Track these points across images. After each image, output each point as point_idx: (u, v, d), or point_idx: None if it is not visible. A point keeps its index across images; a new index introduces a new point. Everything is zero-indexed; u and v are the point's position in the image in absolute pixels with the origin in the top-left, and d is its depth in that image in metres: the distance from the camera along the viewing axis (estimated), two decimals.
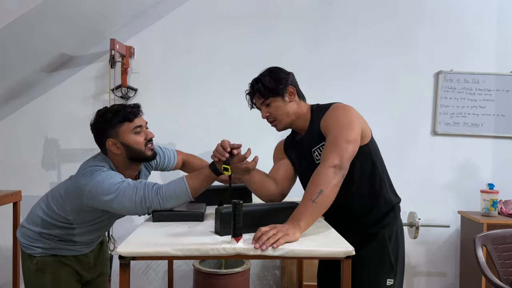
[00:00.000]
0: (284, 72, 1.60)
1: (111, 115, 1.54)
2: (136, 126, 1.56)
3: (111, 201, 1.45)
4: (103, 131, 1.55)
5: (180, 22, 2.80)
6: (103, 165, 1.54)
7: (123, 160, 1.57)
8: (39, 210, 1.62)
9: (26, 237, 1.62)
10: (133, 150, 1.55)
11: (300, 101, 1.61)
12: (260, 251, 1.16)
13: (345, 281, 1.17)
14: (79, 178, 1.52)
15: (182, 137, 2.79)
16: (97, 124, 1.57)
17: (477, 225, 2.55)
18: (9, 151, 2.76)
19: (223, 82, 2.81)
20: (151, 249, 1.15)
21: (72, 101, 2.76)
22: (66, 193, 1.57)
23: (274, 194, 1.61)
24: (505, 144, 2.88)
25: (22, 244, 1.63)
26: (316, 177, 1.35)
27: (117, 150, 1.55)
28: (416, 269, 2.90)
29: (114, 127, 1.54)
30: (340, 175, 1.35)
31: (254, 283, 2.82)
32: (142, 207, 1.47)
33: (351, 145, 1.41)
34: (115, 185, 1.46)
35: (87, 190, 1.47)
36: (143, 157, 1.59)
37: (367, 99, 2.77)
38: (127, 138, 1.54)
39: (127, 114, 1.55)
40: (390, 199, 1.59)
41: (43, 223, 1.59)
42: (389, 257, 1.54)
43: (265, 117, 1.61)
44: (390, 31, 2.84)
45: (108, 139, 1.54)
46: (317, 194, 1.30)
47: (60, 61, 2.69)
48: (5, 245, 2.69)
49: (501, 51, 2.86)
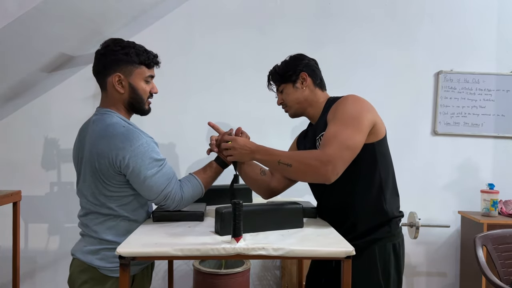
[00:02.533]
0: (301, 58, 1.58)
1: (134, 51, 1.41)
2: (150, 75, 1.46)
3: (150, 177, 1.35)
4: (116, 62, 1.40)
5: (180, 22, 2.80)
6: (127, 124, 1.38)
7: (120, 103, 1.43)
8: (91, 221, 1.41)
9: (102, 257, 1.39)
10: (137, 95, 1.43)
11: (316, 88, 1.57)
12: (258, 250, 1.16)
13: (345, 281, 1.17)
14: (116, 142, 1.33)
15: (182, 137, 2.79)
16: (112, 52, 1.40)
17: (477, 225, 2.55)
18: (9, 151, 2.76)
19: (223, 82, 2.80)
20: (151, 249, 1.15)
21: (72, 101, 2.76)
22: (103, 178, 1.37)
23: (265, 189, 1.62)
24: (505, 144, 2.88)
25: (107, 269, 1.38)
26: (304, 153, 1.37)
27: (121, 88, 1.41)
28: (416, 269, 2.90)
29: (131, 65, 1.41)
30: (320, 174, 1.29)
31: (254, 283, 2.82)
32: (160, 200, 1.41)
33: (350, 151, 1.33)
34: (156, 161, 1.37)
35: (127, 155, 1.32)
36: (141, 108, 1.47)
37: (367, 99, 2.73)
38: (137, 82, 1.42)
39: (150, 60, 1.44)
40: (386, 210, 1.45)
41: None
42: (377, 276, 1.41)
43: (279, 104, 1.63)
44: (390, 31, 2.84)
45: (116, 73, 1.39)
46: (286, 164, 1.34)
47: (60, 61, 2.69)
48: (5, 245, 2.69)
49: (501, 51, 2.86)
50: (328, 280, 1.51)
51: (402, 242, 1.51)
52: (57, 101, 2.76)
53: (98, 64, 1.43)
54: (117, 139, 1.33)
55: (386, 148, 1.51)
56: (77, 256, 1.41)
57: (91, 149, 1.37)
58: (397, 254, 1.47)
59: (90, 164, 1.38)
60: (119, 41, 1.43)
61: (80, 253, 1.41)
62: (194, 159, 2.73)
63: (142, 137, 1.37)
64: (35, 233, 2.77)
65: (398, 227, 1.51)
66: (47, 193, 2.75)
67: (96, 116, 1.43)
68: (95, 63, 1.44)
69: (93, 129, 1.39)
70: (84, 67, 2.77)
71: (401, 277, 1.49)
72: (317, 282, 1.60)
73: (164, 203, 1.43)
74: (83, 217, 1.44)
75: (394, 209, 1.50)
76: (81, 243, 1.45)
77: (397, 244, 1.47)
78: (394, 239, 1.47)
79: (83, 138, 1.44)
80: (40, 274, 2.78)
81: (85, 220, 1.43)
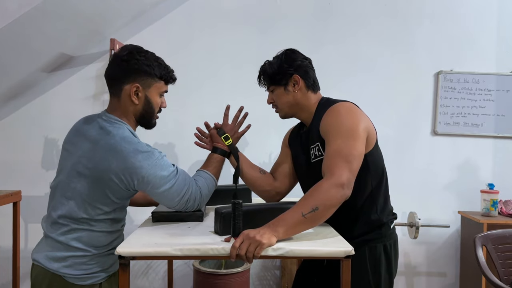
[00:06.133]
0: (293, 58, 1.50)
1: (156, 64, 1.38)
2: (165, 90, 1.45)
3: (169, 188, 1.34)
4: (137, 72, 1.35)
5: (180, 22, 2.80)
6: (135, 138, 1.34)
7: (131, 114, 1.39)
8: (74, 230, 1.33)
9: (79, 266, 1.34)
10: (150, 109, 1.41)
11: (308, 92, 1.51)
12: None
13: (345, 281, 1.17)
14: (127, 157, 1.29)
15: (182, 137, 2.79)
16: (135, 61, 1.35)
17: (477, 225, 2.55)
18: (9, 151, 2.76)
19: (223, 82, 2.81)
20: (151, 249, 1.15)
21: (72, 101, 2.76)
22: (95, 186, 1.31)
23: (269, 191, 1.62)
24: (505, 144, 2.88)
25: (75, 276, 1.32)
26: (317, 191, 1.25)
27: (136, 100, 1.37)
28: (416, 269, 2.90)
29: (151, 78, 1.38)
30: (343, 197, 1.25)
31: (254, 283, 2.82)
32: (182, 205, 1.41)
33: (357, 161, 1.31)
34: (171, 172, 1.35)
35: (140, 174, 1.30)
36: (150, 121, 1.45)
37: (367, 99, 2.76)
38: (153, 95, 1.40)
39: (169, 76, 1.44)
40: (377, 218, 1.45)
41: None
42: (367, 276, 1.41)
43: (269, 103, 1.58)
44: (390, 31, 2.84)
45: (135, 83, 1.35)
46: (311, 209, 1.21)
47: (60, 61, 2.69)
48: (5, 245, 2.69)
49: (501, 51, 2.86)
50: (321, 279, 1.52)
51: (394, 243, 1.50)
52: (57, 101, 2.76)
53: (116, 69, 1.37)
54: (134, 158, 1.29)
55: (377, 156, 1.48)
56: (40, 262, 1.34)
57: (98, 160, 1.30)
58: (388, 255, 1.47)
59: (92, 173, 1.30)
60: (142, 50, 1.39)
61: (43, 258, 1.33)
62: (194, 159, 2.72)
63: (154, 151, 1.34)
64: (35, 233, 2.77)
65: (389, 228, 1.50)
66: (47, 193, 2.72)
67: (105, 122, 1.35)
68: (113, 67, 1.38)
69: (104, 139, 1.31)
70: (84, 67, 2.77)
71: (392, 278, 1.49)
72: (309, 281, 1.59)
73: (186, 206, 1.42)
74: (56, 217, 1.34)
75: (386, 215, 1.49)
76: (44, 247, 1.36)
77: (388, 245, 1.47)
78: (385, 240, 1.47)
79: (81, 136, 1.37)
80: None
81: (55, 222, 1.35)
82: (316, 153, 1.46)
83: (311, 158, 1.48)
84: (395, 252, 1.50)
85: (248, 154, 1.76)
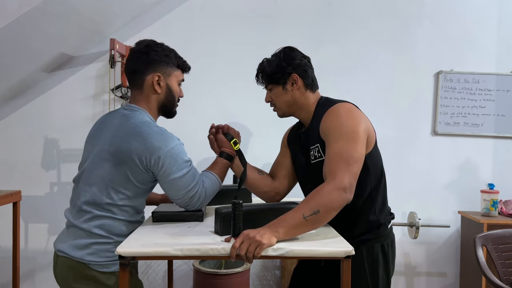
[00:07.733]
0: (292, 57, 1.49)
1: (173, 55, 1.47)
2: (182, 79, 1.52)
3: (179, 177, 1.37)
4: (158, 62, 1.43)
5: (180, 22, 2.80)
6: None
7: (154, 103, 1.45)
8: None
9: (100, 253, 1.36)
10: (172, 97, 1.48)
11: (307, 91, 1.49)
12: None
13: (345, 281, 1.17)
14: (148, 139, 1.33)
15: (182, 137, 2.77)
16: (154, 52, 1.43)
17: (477, 225, 2.55)
18: (9, 151, 2.76)
19: (223, 82, 2.80)
20: (151, 249, 1.15)
21: (72, 101, 2.76)
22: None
23: (268, 192, 1.62)
24: (505, 144, 2.88)
25: (99, 263, 1.35)
26: (319, 194, 1.25)
27: (159, 89, 1.43)
28: (416, 269, 2.90)
29: (170, 67, 1.45)
30: (345, 201, 1.25)
31: (254, 283, 2.82)
32: (186, 200, 1.42)
33: (358, 164, 1.31)
34: (186, 161, 1.40)
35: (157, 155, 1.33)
36: (172, 109, 1.51)
37: (367, 99, 2.76)
38: (173, 83, 1.47)
39: (185, 65, 1.51)
40: (376, 219, 1.45)
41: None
42: (365, 276, 1.42)
43: (267, 101, 1.57)
44: (390, 31, 2.84)
45: (156, 73, 1.42)
46: (312, 212, 1.21)
47: (60, 61, 2.69)
48: (5, 245, 2.69)
49: (501, 51, 2.86)
50: (319, 279, 1.51)
51: (391, 243, 1.50)
52: (57, 101, 2.76)
53: (137, 62, 1.43)
54: (153, 138, 1.33)
55: (376, 157, 1.47)
56: (65, 252, 1.36)
57: (120, 143, 1.34)
58: (386, 255, 1.47)
59: (114, 157, 1.34)
60: (158, 43, 1.47)
61: (68, 248, 1.36)
62: (195, 160, 2.69)
63: (175, 138, 1.40)
64: (35, 233, 2.77)
65: (387, 228, 1.50)
66: (47, 193, 2.75)
67: (126, 111, 1.42)
68: (133, 61, 1.44)
69: (125, 123, 1.37)
70: (84, 67, 2.77)
71: (389, 277, 1.50)
72: (307, 281, 1.59)
73: (189, 202, 1.43)
74: (82, 204, 1.38)
75: (384, 215, 1.49)
76: (68, 236, 1.40)
77: (385, 245, 1.47)
78: (382, 240, 1.47)
79: (104, 127, 1.43)
80: (40, 274, 2.78)
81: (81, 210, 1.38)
82: (316, 154, 1.45)
83: (311, 159, 1.48)
84: (392, 252, 1.51)
85: (248, 154, 1.76)
